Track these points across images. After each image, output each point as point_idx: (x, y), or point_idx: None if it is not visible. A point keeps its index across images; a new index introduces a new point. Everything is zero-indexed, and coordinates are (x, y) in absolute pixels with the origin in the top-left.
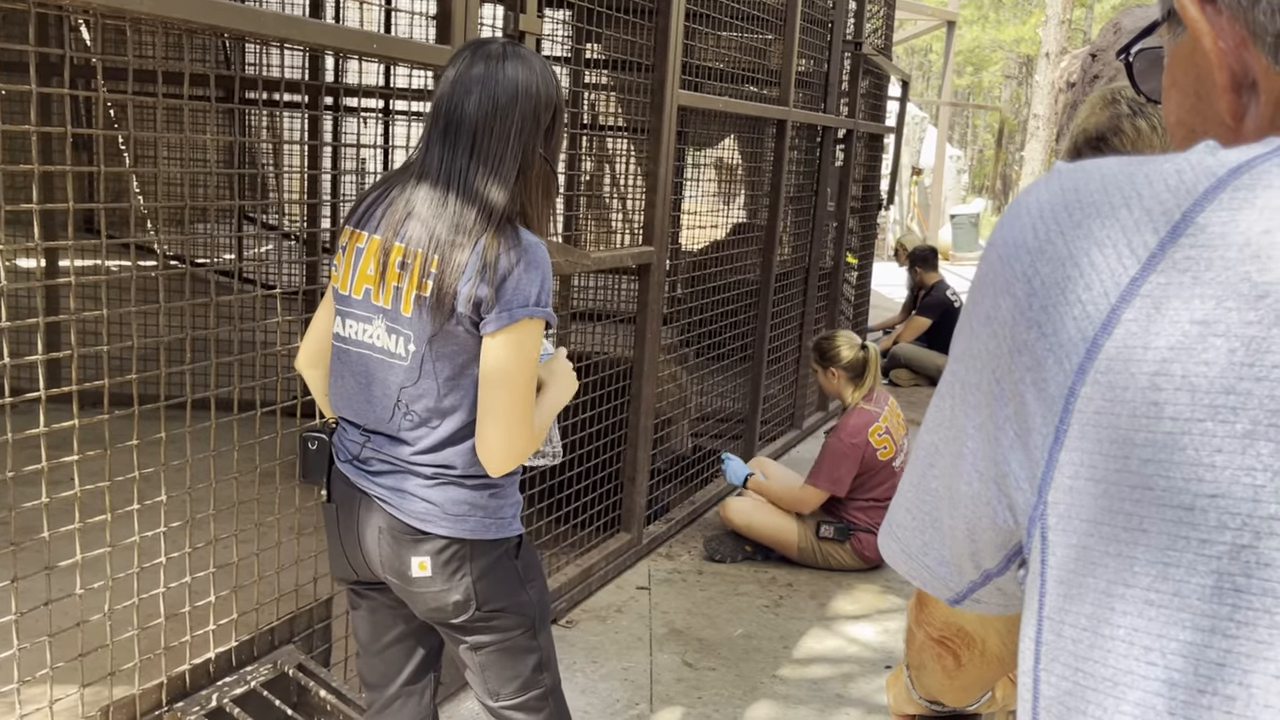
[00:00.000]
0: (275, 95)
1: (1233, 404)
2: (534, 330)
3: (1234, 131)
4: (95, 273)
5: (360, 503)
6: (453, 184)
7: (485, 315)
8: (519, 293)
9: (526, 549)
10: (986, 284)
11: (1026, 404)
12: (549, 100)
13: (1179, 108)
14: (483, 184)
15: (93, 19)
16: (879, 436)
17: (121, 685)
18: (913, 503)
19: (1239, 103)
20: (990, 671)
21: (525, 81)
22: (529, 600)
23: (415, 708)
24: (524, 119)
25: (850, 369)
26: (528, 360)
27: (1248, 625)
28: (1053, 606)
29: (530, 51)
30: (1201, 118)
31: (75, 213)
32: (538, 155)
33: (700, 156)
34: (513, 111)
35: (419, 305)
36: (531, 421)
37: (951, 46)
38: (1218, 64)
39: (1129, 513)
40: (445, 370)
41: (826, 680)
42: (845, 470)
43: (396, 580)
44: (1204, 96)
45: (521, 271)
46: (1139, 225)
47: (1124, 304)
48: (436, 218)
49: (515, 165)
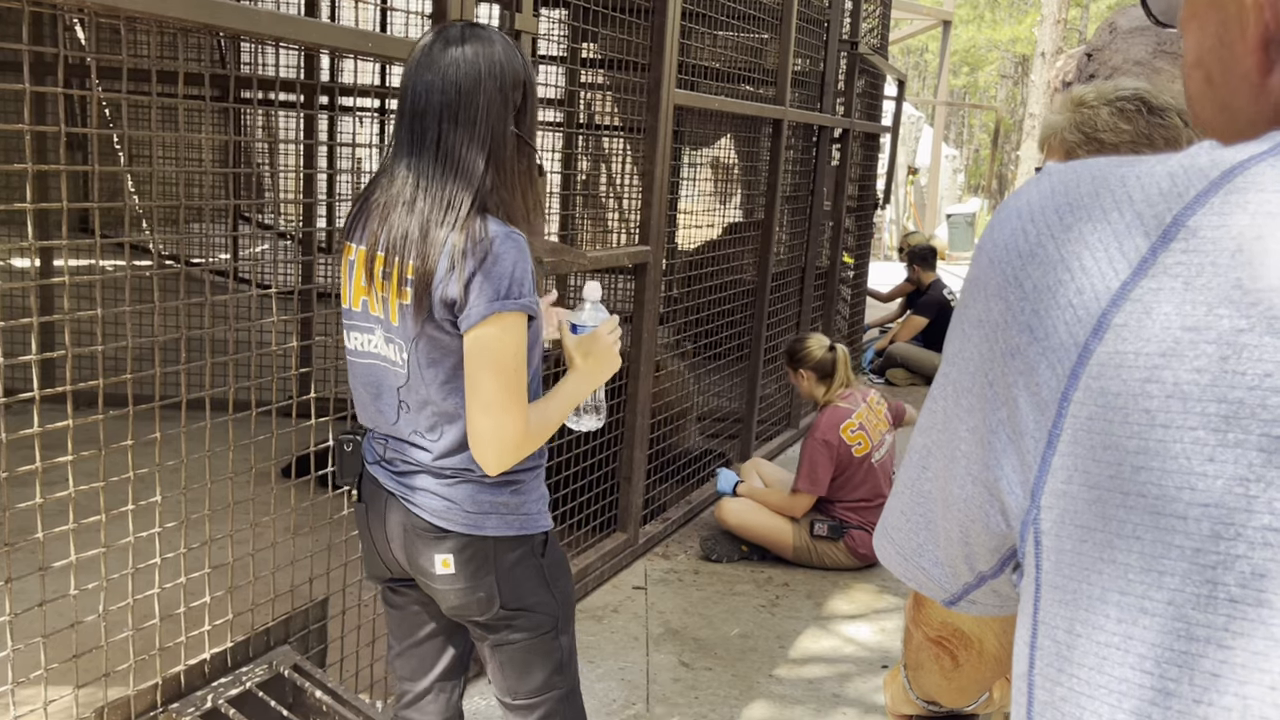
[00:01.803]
0: (271, 94)
1: (1225, 412)
2: (512, 322)
3: (1258, 88)
4: (90, 272)
5: (386, 501)
6: (421, 183)
7: (459, 315)
8: (489, 286)
9: (553, 547)
10: (978, 287)
11: (1019, 408)
12: (515, 77)
13: (1198, 45)
14: (450, 179)
15: (87, 18)
16: (852, 433)
17: (116, 686)
18: (907, 505)
19: (1267, 59)
20: (988, 672)
21: (487, 60)
22: (552, 601)
23: (445, 704)
24: (490, 100)
25: (818, 369)
26: (509, 351)
27: (1243, 636)
28: (1047, 611)
29: (491, 30)
30: (1221, 66)
31: (70, 212)
32: (510, 136)
33: (697, 156)
34: (476, 95)
35: (402, 313)
36: (524, 414)
37: (947, 46)
38: (1254, 17)
39: (1122, 519)
40: (438, 375)
41: (823, 680)
42: (821, 469)
43: (422, 577)
44: (1229, 44)
45: (490, 265)
46: (1130, 229)
47: (1115, 308)
48: (407, 220)
49: (484, 151)
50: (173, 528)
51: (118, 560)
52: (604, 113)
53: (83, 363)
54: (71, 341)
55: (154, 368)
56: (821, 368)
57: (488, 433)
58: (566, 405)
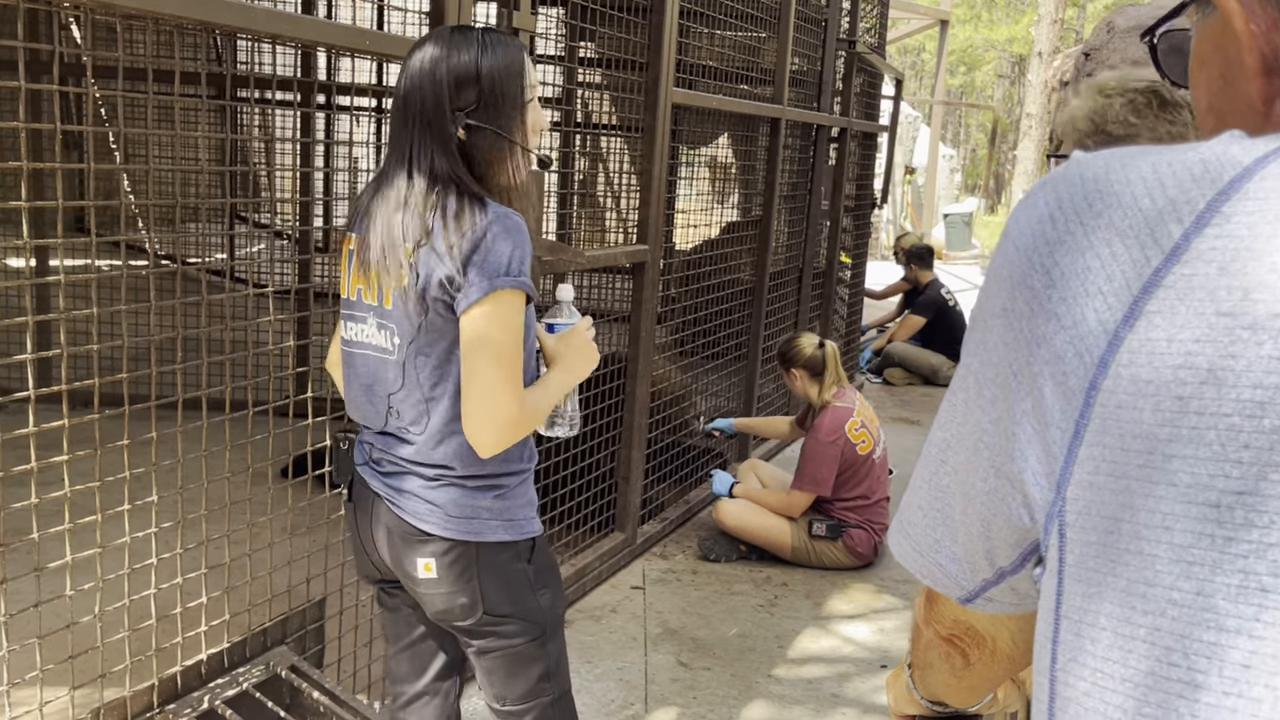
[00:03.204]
0: (267, 93)
1: (1260, 398)
2: (510, 300)
3: (1264, 116)
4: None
5: (373, 503)
6: (410, 170)
7: (456, 294)
8: (488, 264)
9: (541, 552)
10: (1003, 276)
11: (1045, 398)
12: (463, 73)
13: (1207, 92)
14: (427, 165)
15: (83, 15)
16: (856, 431)
17: (112, 687)
18: (925, 500)
19: (1269, 87)
20: (999, 671)
21: (432, 60)
22: (539, 607)
23: (441, 706)
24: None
25: (810, 367)
26: (507, 329)
27: (1274, 626)
28: (1070, 605)
29: (465, 29)
30: (1230, 102)
31: (65, 211)
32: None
33: (695, 155)
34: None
35: (398, 296)
36: (519, 395)
37: (945, 46)
38: (1248, 46)
39: (1151, 509)
40: (429, 360)
41: (822, 680)
42: (827, 469)
43: (406, 580)
44: (1232, 80)
45: (490, 242)
46: (1163, 215)
47: (1147, 295)
48: (398, 208)
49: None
50: (169, 528)
51: (114, 561)
52: (602, 111)
53: (79, 362)
54: (67, 341)
55: (150, 367)
56: (812, 365)
57: (484, 412)
58: (553, 396)
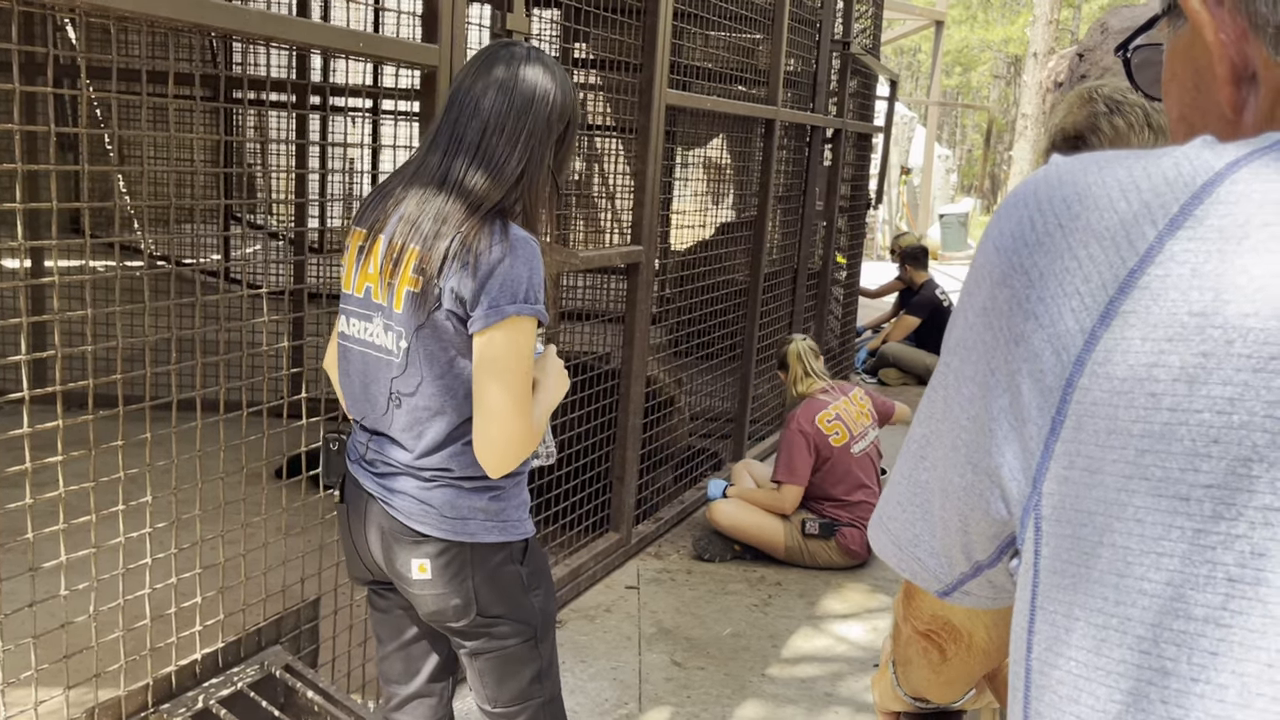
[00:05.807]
0: (262, 94)
1: (1230, 395)
2: (524, 327)
3: (1234, 124)
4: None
5: (366, 503)
6: (450, 179)
7: (471, 313)
8: (505, 289)
9: (534, 554)
10: (983, 275)
11: (1023, 395)
12: (564, 109)
13: (1179, 102)
14: (480, 181)
15: (78, 17)
16: (828, 422)
17: (107, 687)
18: (904, 495)
19: (1239, 95)
20: (975, 665)
21: (544, 87)
22: (531, 608)
23: (435, 705)
24: (537, 124)
25: (781, 363)
26: (520, 355)
27: (1241, 615)
28: (1045, 597)
29: (553, 60)
30: (1201, 111)
31: (60, 212)
32: (545, 164)
33: (689, 156)
34: (526, 115)
35: (409, 301)
36: (530, 418)
37: (940, 46)
38: (1218, 56)
39: (1124, 503)
40: (434, 367)
41: (815, 679)
42: (799, 458)
43: (399, 581)
44: (1204, 90)
45: (508, 267)
46: (1138, 218)
47: (1122, 296)
48: (426, 212)
49: (519, 168)
50: (163, 528)
51: (108, 561)
52: (597, 113)
53: (73, 363)
54: (62, 342)
55: (145, 368)
56: (783, 361)
57: (497, 437)
58: (545, 414)
